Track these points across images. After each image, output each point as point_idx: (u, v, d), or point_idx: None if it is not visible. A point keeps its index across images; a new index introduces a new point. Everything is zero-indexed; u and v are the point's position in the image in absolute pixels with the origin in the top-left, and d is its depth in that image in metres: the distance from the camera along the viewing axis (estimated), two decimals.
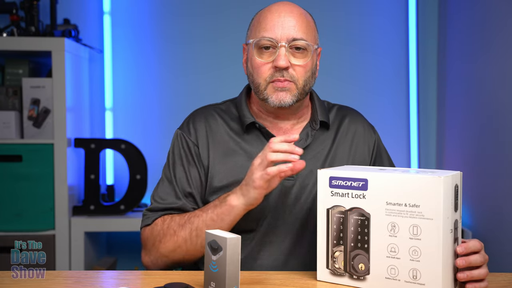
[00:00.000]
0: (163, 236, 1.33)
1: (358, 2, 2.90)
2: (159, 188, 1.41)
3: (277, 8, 1.35)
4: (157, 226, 1.35)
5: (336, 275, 1.16)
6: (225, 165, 1.38)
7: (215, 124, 1.42)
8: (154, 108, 2.87)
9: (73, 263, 2.55)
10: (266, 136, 1.39)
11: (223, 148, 1.39)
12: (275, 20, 1.33)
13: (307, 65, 1.34)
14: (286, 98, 1.33)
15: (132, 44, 2.86)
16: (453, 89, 2.73)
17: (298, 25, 1.33)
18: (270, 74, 1.32)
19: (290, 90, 1.33)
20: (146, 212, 1.40)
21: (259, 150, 1.38)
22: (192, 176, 1.39)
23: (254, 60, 1.34)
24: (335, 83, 2.82)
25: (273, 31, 1.32)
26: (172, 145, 1.44)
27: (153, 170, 2.71)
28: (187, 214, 1.32)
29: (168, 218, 1.34)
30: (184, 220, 1.31)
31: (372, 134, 1.49)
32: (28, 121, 2.51)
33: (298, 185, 1.37)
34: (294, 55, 1.33)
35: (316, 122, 1.41)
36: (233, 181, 1.36)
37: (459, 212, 1.10)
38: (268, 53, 1.33)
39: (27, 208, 2.49)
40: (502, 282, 1.19)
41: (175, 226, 1.31)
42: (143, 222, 1.39)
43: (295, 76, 1.33)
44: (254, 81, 1.36)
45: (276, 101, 1.33)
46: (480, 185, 2.42)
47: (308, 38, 1.34)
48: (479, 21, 2.45)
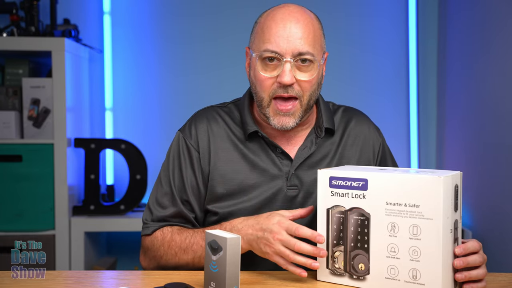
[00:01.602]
0: (164, 254, 1.32)
1: (358, 3, 2.90)
2: (158, 193, 1.38)
3: (282, 16, 1.27)
4: (157, 241, 1.33)
5: (336, 275, 1.16)
6: (227, 172, 1.35)
7: (217, 128, 1.38)
8: (154, 108, 2.88)
9: (73, 263, 2.54)
10: (269, 145, 1.36)
11: (225, 154, 1.36)
12: (280, 32, 1.25)
13: (312, 80, 1.28)
14: (289, 123, 1.29)
15: (132, 44, 2.86)
16: (453, 89, 2.73)
17: (304, 37, 1.26)
18: (274, 89, 1.27)
19: (293, 114, 1.29)
20: (146, 221, 1.38)
21: (262, 158, 1.35)
22: (189, 183, 1.36)
23: (258, 74, 1.28)
24: (335, 83, 2.82)
25: (278, 44, 1.25)
26: (172, 146, 1.41)
27: (153, 170, 2.71)
28: (188, 236, 1.30)
29: (168, 235, 1.33)
30: (186, 245, 1.29)
31: (378, 137, 1.46)
32: (28, 121, 2.51)
33: (302, 194, 1.35)
34: (299, 68, 1.27)
35: (321, 129, 1.37)
36: (235, 189, 1.34)
37: (459, 212, 1.10)
38: (273, 65, 1.27)
39: (27, 208, 2.49)
40: (502, 282, 1.19)
41: (176, 248, 1.30)
42: (143, 231, 1.38)
43: (300, 92, 1.28)
44: (257, 94, 1.31)
45: (278, 125, 1.30)
46: (480, 185, 2.42)
47: (314, 51, 1.27)
48: (479, 21, 2.45)
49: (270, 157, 1.35)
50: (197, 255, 1.28)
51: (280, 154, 1.35)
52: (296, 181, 1.34)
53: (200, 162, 1.36)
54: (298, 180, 1.34)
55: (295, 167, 1.34)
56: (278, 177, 1.34)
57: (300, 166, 1.35)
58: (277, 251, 1.16)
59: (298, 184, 1.34)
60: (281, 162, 1.35)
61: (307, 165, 1.36)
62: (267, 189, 1.33)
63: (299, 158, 1.35)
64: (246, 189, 1.34)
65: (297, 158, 1.35)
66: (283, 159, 1.35)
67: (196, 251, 1.28)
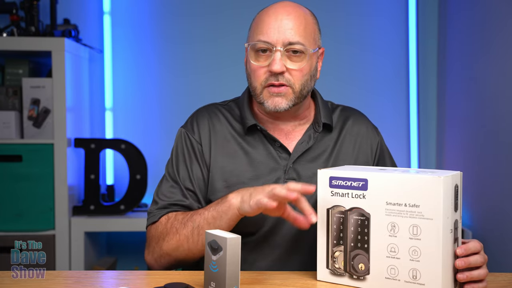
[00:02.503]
0: (166, 234, 1.32)
1: (358, 2, 2.90)
2: (162, 186, 1.40)
3: (275, 10, 1.33)
4: (161, 225, 1.34)
5: (336, 275, 1.16)
6: (226, 165, 1.38)
7: (218, 123, 1.42)
8: (154, 108, 2.88)
9: (73, 263, 2.55)
10: (268, 138, 1.39)
11: (225, 148, 1.39)
12: (271, 23, 1.30)
13: (303, 69, 1.32)
14: (281, 103, 1.32)
15: (132, 44, 2.86)
16: (453, 89, 2.73)
17: (295, 28, 1.30)
18: (265, 78, 1.31)
19: (285, 95, 1.32)
20: (152, 210, 1.39)
21: (260, 152, 1.38)
22: (194, 175, 1.39)
23: (250, 63, 1.34)
24: (335, 83, 2.82)
25: (269, 35, 1.30)
26: (175, 143, 1.44)
27: (153, 170, 2.71)
28: (190, 212, 1.32)
29: (172, 216, 1.34)
30: (187, 219, 1.30)
31: (376, 136, 1.48)
32: (28, 121, 2.51)
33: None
34: (290, 58, 1.31)
35: (319, 124, 1.41)
36: (234, 182, 1.36)
37: (459, 212, 1.10)
38: (264, 56, 1.31)
39: (27, 208, 2.49)
40: (502, 282, 1.19)
41: (177, 225, 1.31)
42: (149, 220, 1.38)
43: (291, 80, 1.31)
44: (251, 84, 1.35)
45: (271, 106, 1.32)
46: (480, 185, 2.42)
47: (305, 42, 1.31)
48: (479, 21, 2.45)
49: (269, 150, 1.38)
50: (195, 224, 1.27)
51: (279, 147, 1.38)
52: (293, 174, 1.37)
53: (203, 154, 1.39)
54: (295, 173, 1.37)
55: (293, 160, 1.37)
56: (276, 170, 1.37)
57: (297, 160, 1.37)
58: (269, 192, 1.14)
59: (296, 177, 1.36)
60: (279, 155, 1.38)
61: (305, 160, 1.38)
62: (264, 182, 1.35)
63: (297, 152, 1.37)
64: (244, 181, 1.36)
65: (295, 151, 1.38)
66: (281, 153, 1.38)
67: (194, 220, 1.27)
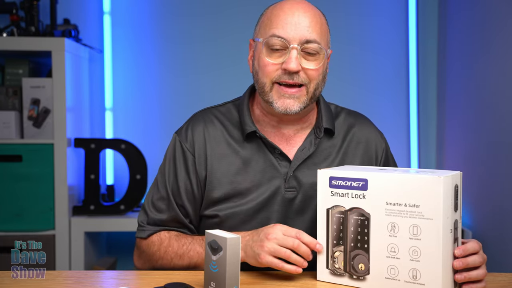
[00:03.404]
0: (159, 258, 1.32)
1: (358, 3, 2.90)
2: (154, 195, 1.38)
3: (291, 6, 1.27)
4: (154, 245, 1.33)
5: (336, 275, 1.16)
6: (224, 175, 1.33)
7: (214, 131, 1.35)
8: (154, 108, 2.88)
9: (73, 263, 2.54)
10: (268, 146, 1.33)
11: (222, 157, 1.33)
12: (288, 19, 1.24)
13: (319, 69, 1.27)
14: (293, 106, 1.27)
15: (132, 44, 2.86)
16: (453, 89, 2.73)
17: (312, 26, 1.25)
18: (278, 75, 1.25)
19: (299, 98, 1.27)
20: (142, 221, 1.38)
21: (259, 160, 1.33)
22: (184, 187, 1.34)
23: (262, 58, 1.27)
24: (335, 83, 2.81)
25: (285, 30, 1.24)
26: (168, 148, 1.39)
27: (153, 170, 2.70)
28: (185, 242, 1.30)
29: (165, 240, 1.32)
30: (182, 251, 1.29)
31: (381, 142, 1.43)
32: (28, 121, 2.51)
33: (301, 196, 1.33)
34: (305, 57, 1.25)
35: (320, 129, 1.35)
36: (232, 193, 1.32)
37: (459, 212, 1.10)
38: (278, 53, 1.25)
39: (27, 208, 2.49)
40: (502, 282, 1.19)
41: (172, 254, 1.30)
42: (138, 233, 1.37)
43: (306, 79, 1.26)
44: (259, 80, 1.29)
45: (282, 108, 1.27)
46: (480, 185, 2.42)
47: (321, 41, 1.26)
48: (479, 21, 2.45)
49: (268, 158, 1.33)
50: (193, 261, 1.28)
51: (279, 155, 1.33)
52: (294, 182, 1.32)
53: (195, 165, 1.34)
54: (296, 181, 1.32)
55: (294, 168, 1.32)
56: (276, 178, 1.32)
57: (299, 167, 1.33)
58: (270, 249, 1.14)
59: (297, 186, 1.32)
60: (279, 163, 1.33)
61: (306, 167, 1.33)
62: (264, 191, 1.32)
63: (297, 159, 1.32)
64: (243, 191, 1.32)
65: (296, 159, 1.33)
66: (281, 160, 1.33)
67: (192, 258, 1.28)
